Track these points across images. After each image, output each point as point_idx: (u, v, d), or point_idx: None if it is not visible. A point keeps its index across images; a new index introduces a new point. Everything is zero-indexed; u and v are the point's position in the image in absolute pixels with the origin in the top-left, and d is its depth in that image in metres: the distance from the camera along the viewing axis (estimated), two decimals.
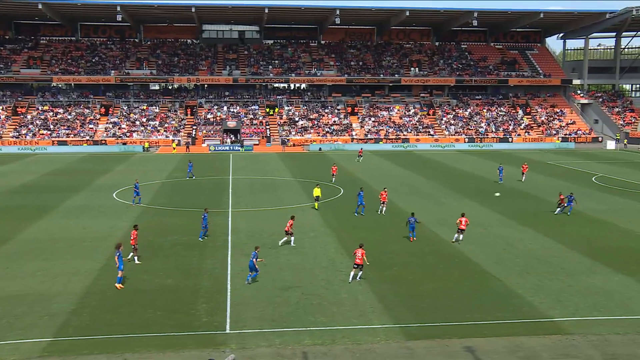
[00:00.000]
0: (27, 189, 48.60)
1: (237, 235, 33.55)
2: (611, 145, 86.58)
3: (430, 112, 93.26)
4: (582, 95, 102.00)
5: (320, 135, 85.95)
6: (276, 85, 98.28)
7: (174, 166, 63.36)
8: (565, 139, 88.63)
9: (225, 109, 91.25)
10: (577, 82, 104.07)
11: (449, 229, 34.88)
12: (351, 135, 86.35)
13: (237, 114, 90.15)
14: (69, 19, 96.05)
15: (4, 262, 28.32)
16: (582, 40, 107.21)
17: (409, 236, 32.93)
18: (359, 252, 25.77)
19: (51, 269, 27.16)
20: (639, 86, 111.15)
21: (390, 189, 44.80)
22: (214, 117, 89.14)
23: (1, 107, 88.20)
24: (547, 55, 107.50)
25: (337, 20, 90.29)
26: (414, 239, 32.59)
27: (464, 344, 19.95)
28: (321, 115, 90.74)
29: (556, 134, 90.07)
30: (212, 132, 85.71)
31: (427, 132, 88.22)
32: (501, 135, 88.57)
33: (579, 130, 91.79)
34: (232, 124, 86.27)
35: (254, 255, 25.41)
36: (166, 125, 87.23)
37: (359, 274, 25.84)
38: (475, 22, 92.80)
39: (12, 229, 34.57)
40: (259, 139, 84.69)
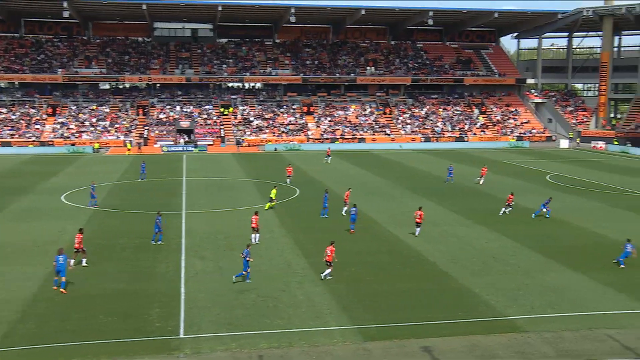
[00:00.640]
0: None
1: (191, 237, 33.23)
2: (564, 143, 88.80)
3: (386, 111, 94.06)
4: (536, 94, 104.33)
5: (275, 135, 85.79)
6: (230, 84, 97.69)
7: (126, 167, 62.38)
8: (520, 138, 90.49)
9: (178, 108, 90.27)
10: (531, 81, 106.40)
11: (406, 229, 35.26)
12: (307, 135, 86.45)
13: (191, 114, 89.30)
14: (11, 14, 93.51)
15: None
16: (535, 40, 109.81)
17: (350, 228, 34.32)
18: (328, 249, 26.29)
19: None
20: (590, 86, 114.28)
21: (344, 188, 44.94)
22: (166, 117, 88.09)
23: None
24: (502, 54, 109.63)
25: (292, 18, 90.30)
26: (353, 232, 33.95)
27: (422, 344, 20.18)
28: (276, 115, 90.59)
29: (511, 133, 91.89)
30: (165, 133, 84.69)
31: (384, 131, 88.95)
32: (457, 134, 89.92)
33: (534, 129, 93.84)
34: (185, 124, 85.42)
35: (245, 253, 25.67)
36: (117, 125, 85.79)
37: (327, 271, 26.18)
38: (430, 22, 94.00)
39: None
40: (213, 139, 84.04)
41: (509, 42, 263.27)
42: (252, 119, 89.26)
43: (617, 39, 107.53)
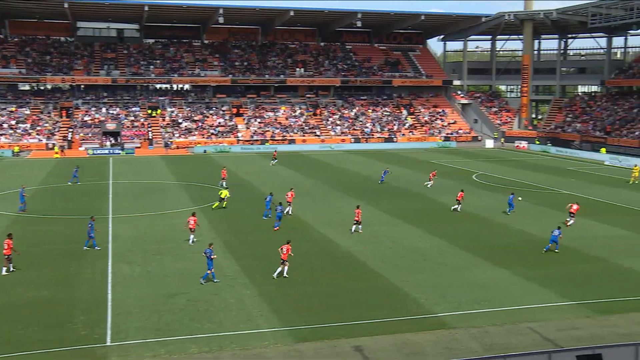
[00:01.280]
0: None
1: (118, 242, 32.49)
2: (490, 143, 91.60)
3: (316, 112, 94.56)
4: (462, 95, 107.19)
5: (204, 137, 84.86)
6: (158, 86, 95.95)
7: (49, 171, 60.34)
8: (447, 138, 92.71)
9: (104, 110, 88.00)
10: (457, 82, 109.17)
11: (337, 229, 35.61)
12: (237, 136, 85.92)
13: (117, 115, 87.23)
14: None
15: None
16: (461, 42, 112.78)
17: (275, 225, 35.25)
18: (284, 247, 26.67)
19: None
20: (513, 87, 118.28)
21: (278, 191, 45.02)
22: (91, 120, 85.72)
23: None
24: (429, 56, 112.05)
25: (221, 19, 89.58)
26: (277, 229, 34.88)
27: (353, 343, 20.42)
28: (205, 116, 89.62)
29: (439, 133, 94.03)
30: (90, 135, 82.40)
31: (314, 132, 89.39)
32: (386, 135, 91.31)
33: (460, 129, 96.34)
34: (111, 126, 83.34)
35: (209, 252, 25.75)
36: (39, 128, 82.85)
37: (285, 270, 26.61)
38: (359, 23, 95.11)
39: None
40: (140, 141, 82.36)
41: (435, 45, 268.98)
42: (180, 120, 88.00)
43: (536, 43, 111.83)
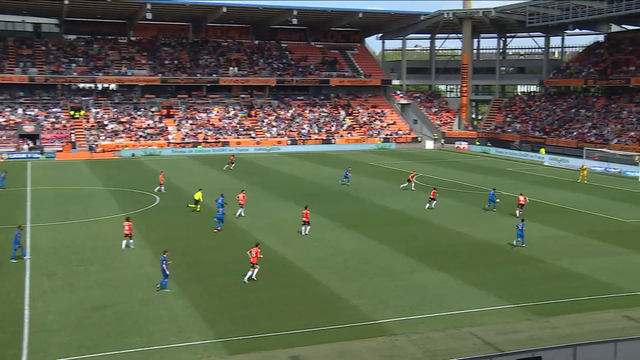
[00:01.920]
0: None
1: (37, 253, 31.49)
2: (430, 145, 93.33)
3: (251, 113, 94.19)
4: (401, 95, 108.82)
5: (133, 139, 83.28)
6: (81, 85, 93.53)
7: None
8: (386, 140, 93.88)
9: (20, 111, 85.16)
10: (396, 82, 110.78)
11: (272, 235, 35.58)
12: (167, 139, 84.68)
13: (36, 117, 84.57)
14: None
15: None
16: (400, 40, 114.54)
17: (216, 227, 36.28)
18: (253, 250, 27.10)
19: None
20: (452, 87, 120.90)
21: (211, 195, 44.68)
22: (6, 121, 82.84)
23: None
24: (367, 55, 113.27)
25: (149, 15, 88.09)
26: (217, 230, 36.06)
27: (289, 353, 20.41)
28: (133, 118, 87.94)
29: (378, 134, 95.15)
30: (5, 138, 79.61)
31: (249, 134, 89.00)
32: (324, 136, 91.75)
33: (400, 130, 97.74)
34: (29, 128, 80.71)
35: (163, 259, 25.59)
36: None
37: (255, 273, 27.11)
38: (295, 21, 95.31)
39: None
40: (62, 145, 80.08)
41: (374, 43, 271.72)
42: (106, 122, 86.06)
43: (476, 42, 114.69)
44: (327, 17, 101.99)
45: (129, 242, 32.42)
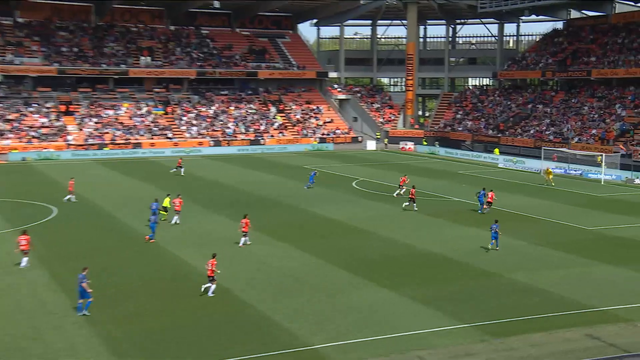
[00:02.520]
0: None
1: None
2: (372, 145, 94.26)
3: (167, 110, 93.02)
4: (339, 89, 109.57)
5: (23, 141, 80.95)
6: None
7: None
8: (323, 140, 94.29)
9: None
10: (333, 75, 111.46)
11: (192, 249, 35.19)
12: (67, 140, 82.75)
13: None
14: None
15: None
16: (337, 27, 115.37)
17: (151, 237, 36.80)
18: (209, 262, 27.85)
19: None
20: (397, 80, 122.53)
21: (116, 205, 43.93)
22: None
23: None
24: (301, 44, 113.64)
25: None
26: (148, 240, 36.52)
27: None
28: (24, 115, 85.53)
29: (313, 134, 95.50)
30: None
31: (165, 134, 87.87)
32: (252, 136, 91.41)
33: (338, 129, 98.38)
34: None
35: (81, 277, 25.17)
36: None
37: (207, 286, 27.82)
38: (217, 4, 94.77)
39: None
40: None
41: (308, 30, 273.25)
42: None
43: (422, 29, 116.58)
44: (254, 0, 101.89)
45: (23, 258, 31.74)
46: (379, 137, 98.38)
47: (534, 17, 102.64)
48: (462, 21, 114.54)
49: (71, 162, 74.56)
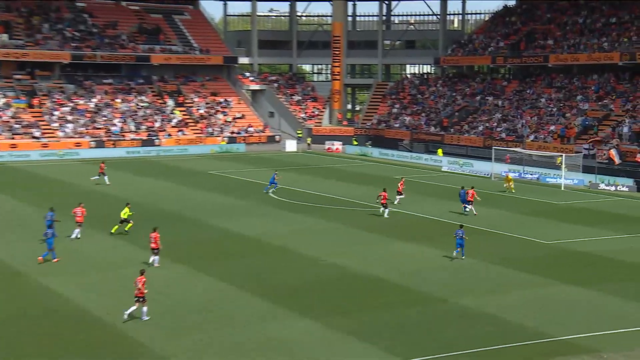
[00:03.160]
0: None
1: None
2: (292, 145, 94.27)
3: (33, 102, 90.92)
4: (252, 79, 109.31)
5: None
6: None
7: None
8: (232, 140, 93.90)
9: None
10: (244, 60, 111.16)
11: (63, 277, 34.49)
12: None
13: None
14: None
15: None
16: (249, 2, 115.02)
17: (53, 257, 37.16)
18: (139, 280, 28.72)
19: None
20: (321, 67, 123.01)
21: None
22: None
23: None
24: (203, 22, 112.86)
25: None
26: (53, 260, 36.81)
27: None
28: None
29: (221, 132, 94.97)
30: None
31: (30, 133, 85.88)
32: (145, 135, 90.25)
33: (250, 126, 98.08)
34: None
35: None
36: None
37: (144, 311, 28.51)
38: None
39: None
40: None
41: (212, 6, 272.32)
42: None
43: (350, 6, 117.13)
44: None
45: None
46: (300, 135, 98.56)
47: None
48: None
49: None
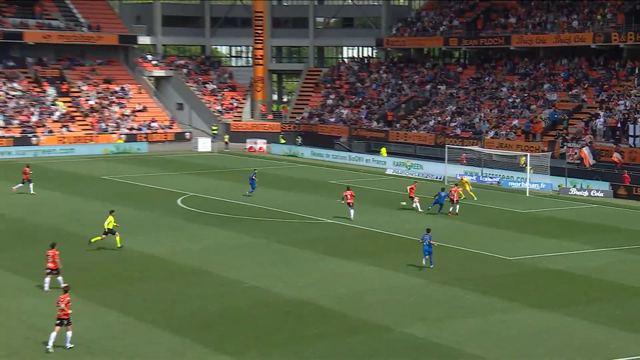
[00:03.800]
0: None
1: None
2: (206, 144, 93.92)
3: None
4: (155, 63, 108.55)
5: None
6: None
7: None
8: (132, 137, 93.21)
9: None
10: (145, 40, 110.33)
11: None
12: None
13: None
14: None
15: None
16: None
17: None
18: (63, 299, 28.97)
19: None
20: (240, 49, 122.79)
21: None
22: None
23: None
24: None
25: None
26: None
27: None
28: None
29: (116, 128, 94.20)
30: None
31: None
32: (18, 132, 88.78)
33: (154, 121, 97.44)
34: None
35: None
36: None
37: (68, 335, 28.83)
38: None
39: None
40: None
41: None
42: None
43: None
44: None
45: None
46: (216, 132, 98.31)
47: None
48: None
49: None
